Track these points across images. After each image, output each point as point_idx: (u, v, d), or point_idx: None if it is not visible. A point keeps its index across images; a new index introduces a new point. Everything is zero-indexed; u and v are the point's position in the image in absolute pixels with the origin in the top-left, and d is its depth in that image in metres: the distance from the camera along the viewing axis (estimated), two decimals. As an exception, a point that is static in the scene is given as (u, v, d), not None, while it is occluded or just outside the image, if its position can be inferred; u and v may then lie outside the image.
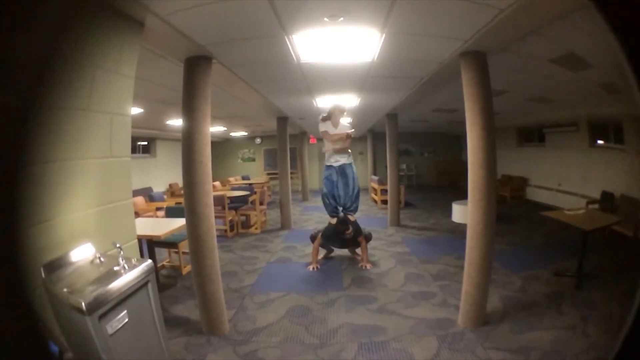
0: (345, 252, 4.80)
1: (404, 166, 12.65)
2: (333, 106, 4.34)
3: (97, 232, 1.68)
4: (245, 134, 12.47)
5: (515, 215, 7.22)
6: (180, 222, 3.54)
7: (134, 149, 9.31)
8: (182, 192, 4.00)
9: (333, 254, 4.79)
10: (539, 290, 3.39)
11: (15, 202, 1.23)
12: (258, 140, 13.66)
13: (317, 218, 7.50)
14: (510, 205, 8.38)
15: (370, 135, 11.80)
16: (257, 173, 13.51)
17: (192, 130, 2.57)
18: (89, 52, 1.61)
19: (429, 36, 2.44)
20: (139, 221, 3.41)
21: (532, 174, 8.83)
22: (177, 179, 9.81)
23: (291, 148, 7.75)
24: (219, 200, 5.76)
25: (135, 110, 5.15)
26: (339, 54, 2.85)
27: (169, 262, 4.51)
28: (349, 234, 4.21)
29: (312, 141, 12.58)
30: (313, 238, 4.50)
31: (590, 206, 5.78)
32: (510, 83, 4.30)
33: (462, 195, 3.32)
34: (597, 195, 5.93)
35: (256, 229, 6.50)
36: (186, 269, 4.15)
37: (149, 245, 3.75)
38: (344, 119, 4.80)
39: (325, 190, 4.47)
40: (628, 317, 0.73)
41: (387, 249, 5.13)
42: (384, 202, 7.82)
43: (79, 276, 1.43)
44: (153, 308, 1.67)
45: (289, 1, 1.90)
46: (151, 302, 1.66)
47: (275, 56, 2.86)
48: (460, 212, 3.97)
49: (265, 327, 2.85)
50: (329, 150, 4.45)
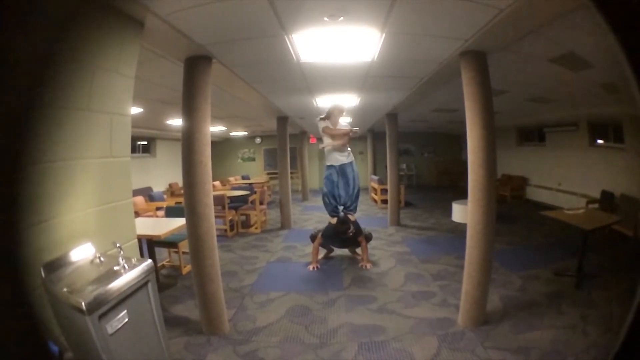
0: (345, 251, 4.80)
1: (404, 166, 12.64)
2: (332, 106, 4.33)
3: (97, 232, 1.68)
4: (245, 133, 12.47)
5: (515, 214, 7.22)
6: (180, 221, 3.54)
7: (134, 148, 9.31)
8: (182, 191, 4.00)
9: (333, 254, 4.79)
10: (539, 289, 3.39)
11: (15, 202, 1.23)
12: (258, 139, 13.65)
13: (317, 218, 7.50)
14: (510, 205, 8.38)
15: (370, 135, 11.80)
16: (257, 173, 13.51)
17: (192, 130, 2.57)
18: (89, 52, 1.61)
19: (429, 36, 2.44)
20: (138, 221, 3.41)
21: (532, 174, 8.83)
22: (177, 178, 9.81)
23: (291, 148, 7.76)
24: (219, 200, 5.76)
25: (135, 110, 5.14)
26: (339, 54, 2.85)
27: (169, 261, 4.51)
28: (350, 232, 4.22)
29: (312, 141, 12.57)
30: (313, 238, 4.51)
31: (590, 206, 5.78)
32: (510, 83, 4.30)
33: (462, 194, 3.32)
34: (597, 194, 5.93)
35: (256, 228, 6.50)
36: (186, 269, 4.15)
37: (149, 245, 3.75)
38: (343, 118, 4.80)
39: (325, 189, 4.47)
40: (628, 317, 0.73)
41: (387, 248, 5.13)
42: (384, 201, 7.83)
43: (79, 276, 1.43)
44: (153, 308, 1.67)
45: (289, 1, 1.89)
46: (151, 302, 1.66)
47: (275, 56, 2.86)
48: (460, 212, 3.97)
49: (266, 327, 2.86)
50: (328, 147, 4.40)
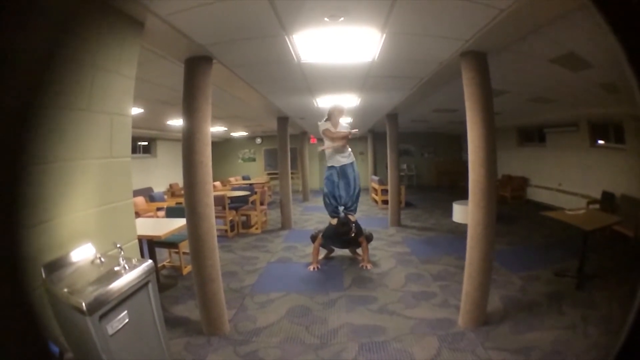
0: (345, 252, 4.80)
1: (404, 166, 12.65)
2: (332, 107, 4.34)
3: (98, 233, 1.68)
4: (245, 134, 12.47)
5: (515, 215, 7.21)
6: (181, 222, 3.54)
7: (135, 149, 9.32)
8: (182, 192, 4.01)
9: (333, 254, 4.79)
10: (540, 290, 3.38)
11: (16, 202, 1.23)
12: (258, 140, 13.66)
13: (318, 218, 7.50)
14: (510, 205, 8.38)
15: (371, 136, 11.80)
16: (257, 173, 13.52)
17: (193, 130, 2.57)
18: (89, 52, 1.61)
19: (429, 36, 2.44)
20: (139, 221, 3.41)
21: (533, 174, 8.83)
22: (178, 179, 9.81)
23: (292, 148, 7.75)
24: (219, 201, 5.76)
25: (136, 110, 5.15)
26: (340, 54, 2.85)
27: (169, 262, 4.51)
28: (352, 234, 4.22)
29: (313, 141, 12.58)
30: (314, 238, 4.51)
31: (591, 206, 5.77)
32: (510, 83, 4.29)
33: (462, 195, 3.32)
34: (597, 195, 5.92)
35: (257, 229, 6.50)
36: (186, 269, 4.15)
37: (150, 246, 3.75)
38: (343, 119, 4.80)
39: (326, 190, 4.47)
40: (629, 318, 0.73)
41: (387, 249, 5.13)
42: (385, 202, 7.83)
43: (80, 276, 1.43)
44: (153, 308, 1.67)
45: (289, 1, 1.90)
46: (151, 303, 1.66)
47: (275, 56, 2.86)
48: (460, 212, 3.97)
49: (266, 327, 2.85)
50: (328, 149, 4.42)
